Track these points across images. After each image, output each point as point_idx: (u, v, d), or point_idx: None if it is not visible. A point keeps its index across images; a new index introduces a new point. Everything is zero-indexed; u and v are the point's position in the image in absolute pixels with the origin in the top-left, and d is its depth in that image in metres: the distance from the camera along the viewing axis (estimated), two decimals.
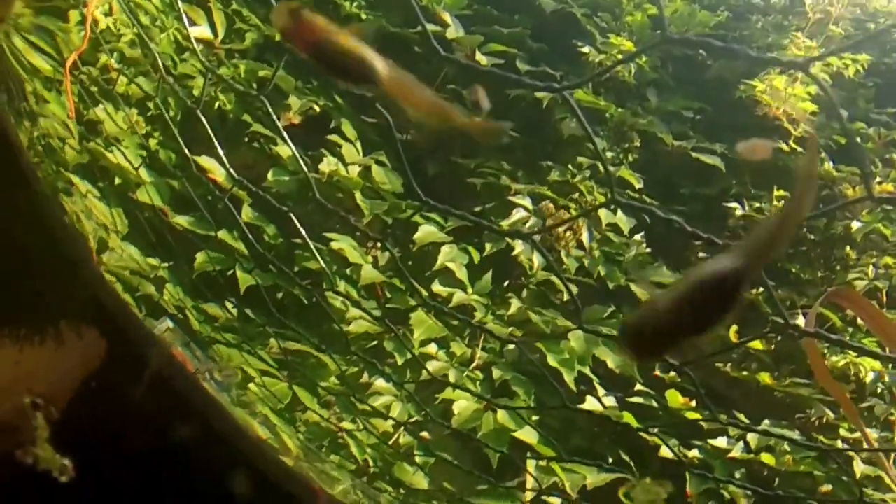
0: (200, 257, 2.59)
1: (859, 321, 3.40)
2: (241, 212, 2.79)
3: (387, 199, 3.13)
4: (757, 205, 3.85)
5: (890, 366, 3.14)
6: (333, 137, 3.07)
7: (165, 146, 2.80)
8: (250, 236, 2.11)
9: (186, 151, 1.90)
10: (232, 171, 1.70)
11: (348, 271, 2.91)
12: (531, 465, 2.74)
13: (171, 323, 2.48)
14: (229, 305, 2.64)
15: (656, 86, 4.04)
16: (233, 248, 2.69)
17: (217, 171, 2.66)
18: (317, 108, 3.12)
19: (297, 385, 2.46)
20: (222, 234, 2.66)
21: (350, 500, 2.33)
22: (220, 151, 1.59)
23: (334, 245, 2.80)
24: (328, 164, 2.94)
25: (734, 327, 3.34)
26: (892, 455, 3.14)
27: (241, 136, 3.07)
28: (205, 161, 2.63)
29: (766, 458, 3.00)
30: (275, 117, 2.61)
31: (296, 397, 2.45)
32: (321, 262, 2.78)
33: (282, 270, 2.50)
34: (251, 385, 2.38)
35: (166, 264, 2.63)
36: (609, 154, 3.71)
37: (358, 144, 3.12)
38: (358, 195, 2.96)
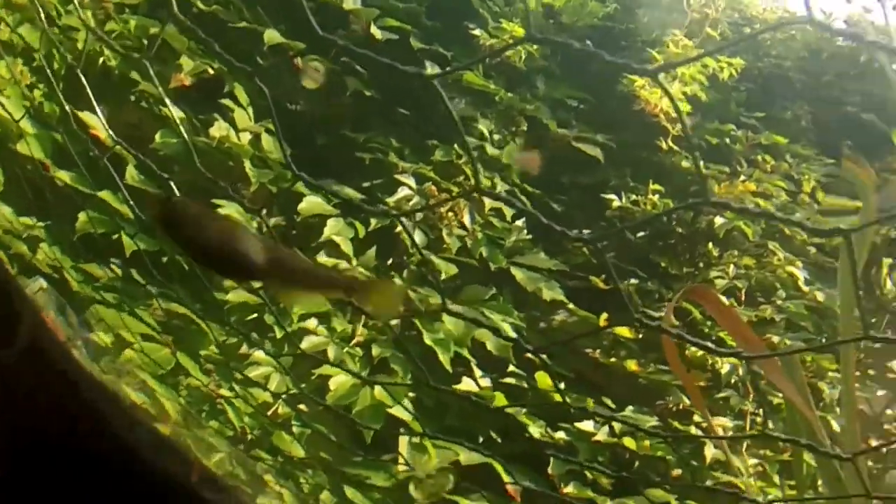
0: (82, 217, 2.49)
1: None
2: (126, 173, 2.69)
3: (273, 169, 3.09)
4: (634, 197, 3.98)
5: (744, 361, 3.31)
6: (226, 102, 3.00)
7: (51, 98, 2.67)
8: (129, 200, 2.04)
9: (67, 106, 1.83)
10: (111, 131, 1.62)
11: None
12: (403, 440, 2.78)
13: (44, 282, 2.39)
14: (114, 266, 2.56)
15: (545, 73, 4.11)
16: (116, 211, 2.60)
17: (100, 127, 2.55)
18: (211, 71, 3.04)
19: (181, 350, 2.41)
20: (105, 194, 2.56)
21: (225, 469, 2.31)
22: (98, 111, 1.53)
23: (221, 211, 2.74)
24: (219, 128, 2.87)
25: (604, 314, 3.47)
26: (745, 442, 3.35)
27: (128, 93, 2.97)
28: (88, 117, 2.52)
29: (629, 442, 3.13)
30: (156, 80, 2.52)
31: (178, 363, 2.41)
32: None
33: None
34: (128, 351, 2.32)
35: (42, 223, 2.52)
36: (496, 137, 3.76)
37: (250, 110, 3.06)
38: (247, 163, 2.91)
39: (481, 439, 3.01)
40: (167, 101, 2.76)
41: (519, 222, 3.54)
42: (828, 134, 5.14)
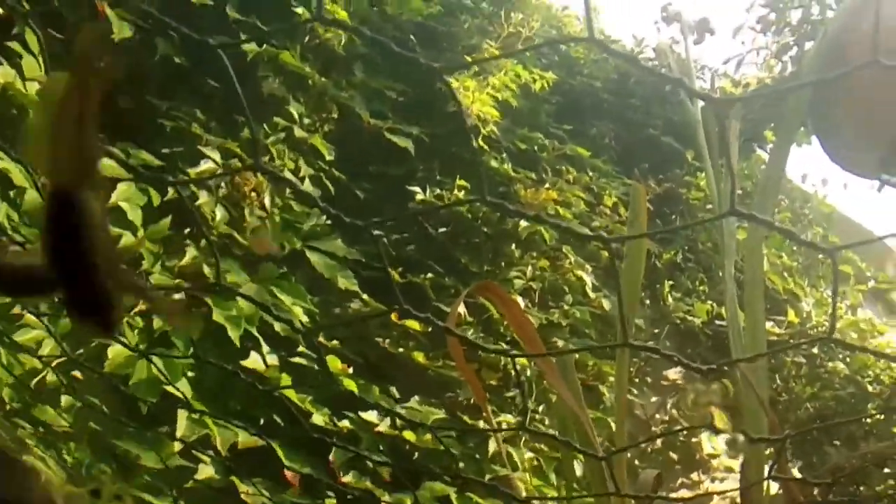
0: None
1: None
2: None
3: None
4: (438, 191, 4.04)
5: (532, 362, 3.43)
6: (14, 45, 2.81)
7: None
8: None
9: None
10: None
11: (12, 194, 2.69)
12: (182, 415, 2.71)
13: None
14: None
15: (364, 61, 4.10)
16: None
17: None
18: (0, 10, 2.84)
19: None
20: None
21: None
22: None
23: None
24: (4, 74, 2.68)
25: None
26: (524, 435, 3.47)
27: None
28: None
29: (409, 435, 3.17)
30: None
31: None
32: None
33: None
34: None
35: None
36: (306, 121, 3.71)
37: (41, 59, 2.88)
38: (32, 113, 2.73)
39: (263, 422, 2.97)
40: None
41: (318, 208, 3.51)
42: (629, 152, 5.42)
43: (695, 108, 2.49)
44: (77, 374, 2.60)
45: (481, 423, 3.50)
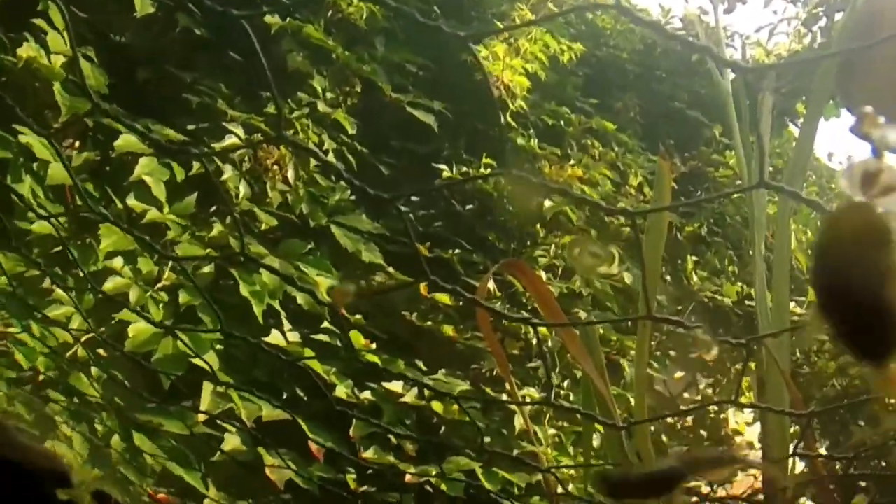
0: None
1: None
2: None
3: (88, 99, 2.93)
4: (464, 169, 4.02)
5: (553, 332, 3.42)
6: (39, 22, 2.81)
7: None
8: None
9: None
10: None
11: (35, 167, 2.70)
12: (207, 388, 2.72)
13: None
14: None
15: (386, 35, 4.08)
16: None
17: None
18: None
19: None
20: None
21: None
22: None
23: (22, 138, 2.58)
24: (27, 49, 2.69)
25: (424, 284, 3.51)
26: (549, 411, 3.46)
27: None
28: None
29: (436, 405, 3.16)
30: None
31: None
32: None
33: None
34: None
35: None
36: (329, 95, 3.70)
37: (66, 35, 2.88)
38: (57, 87, 2.73)
39: (286, 395, 2.98)
40: None
41: (344, 182, 3.52)
42: (654, 126, 5.36)
43: (725, 80, 2.45)
44: (101, 351, 2.62)
45: (504, 397, 3.51)
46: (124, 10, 3.10)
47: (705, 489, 3.42)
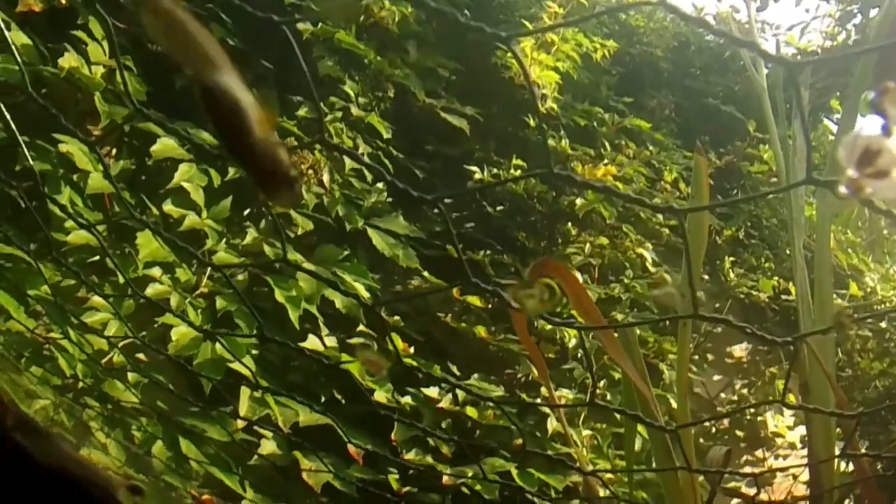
0: None
1: None
2: None
3: (128, 106, 2.96)
4: (495, 171, 4.02)
5: (590, 334, 3.40)
6: (79, 34, 2.86)
7: None
8: None
9: None
10: None
11: (75, 177, 2.74)
12: (245, 393, 2.74)
13: None
14: None
15: (418, 39, 4.08)
16: None
17: None
18: (63, 1, 2.89)
19: (2, 290, 2.29)
20: None
21: (46, 416, 2.22)
22: None
23: (62, 147, 2.61)
24: (68, 59, 2.73)
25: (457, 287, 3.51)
26: (583, 413, 3.44)
27: None
28: None
29: (471, 411, 3.16)
30: None
31: None
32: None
33: None
34: None
35: None
36: (362, 100, 3.71)
37: (105, 45, 2.92)
38: (97, 97, 2.78)
39: (323, 399, 2.99)
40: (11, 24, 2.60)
41: (380, 185, 3.52)
42: (689, 124, 5.32)
43: (760, 76, 2.43)
44: (141, 356, 2.65)
45: (538, 400, 3.50)
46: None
47: (748, 491, 3.39)
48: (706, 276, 4.84)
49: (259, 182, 0.67)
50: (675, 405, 3.31)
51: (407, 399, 3.12)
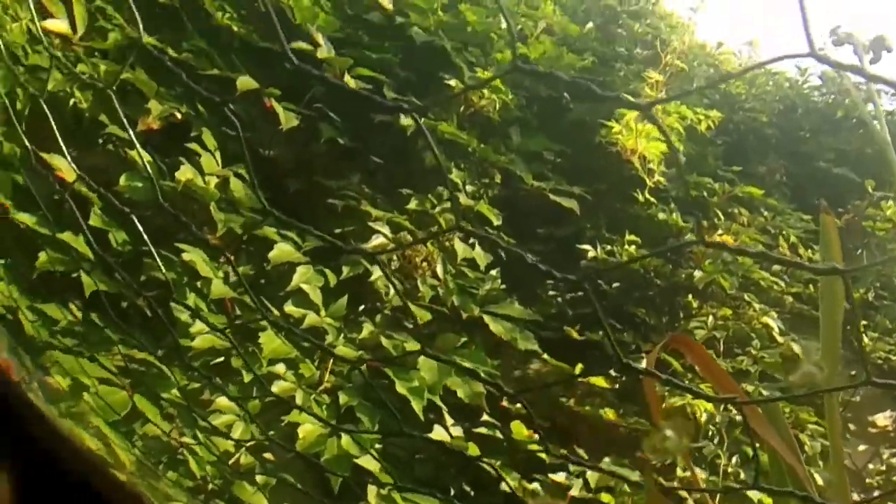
0: (42, 257, 2.45)
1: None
2: (90, 215, 2.66)
3: (243, 214, 3.06)
4: (609, 248, 3.97)
5: (722, 408, 3.28)
6: (193, 146, 2.98)
7: (11, 139, 2.63)
8: (91, 240, 2.00)
9: (27, 143, 1.80)
10: (75, 167, 1.60)
11: (198, 284, 2.82)
12: (372, 491, 2.71)
13: None
14: (73, 307, 2.50)
15: (520, 124, 4.12)
16: (77, 252, 2.55)
17: (66, 168, 2.52)
18: (178, 116, 3.03)
19: (139, 395, 2.35)
20: (66, 236, 2.51)
21: None
22: (64, 148, 1.50)
23: (185, 256, 2.70)
24: (184, 172, 2.84)
25: (579, 364, 3.44)
26: (717, 496, 3.29)
27: (96, 136, 2.95)
28: (53, 158, 2.49)
29: (606, 497, 3.04)
30: (122, 114, 2.48)
31: (136, 408, 2.34)
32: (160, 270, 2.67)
33: (126, 278, 2.39)
34: (85, 394, 2.25)
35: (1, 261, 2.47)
36: (469, 188, 3.74)
37: (218, 155, 3.04)
38: (213, 207, 2.88)
39: (452, 492, 2.94)
40: (136, 142, 2.73)
41: (493, 272, 3.51)
42: (801, 188, 5.18)
43: (882, 131, 2.34)
44: (268, 455, 2.66)
45: (675, 483, 3.35)
46: (270, 125, 3.24)
47: None
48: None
49: None
50: (819, 481, 3.13)
51: (535, 486, 3.02)
